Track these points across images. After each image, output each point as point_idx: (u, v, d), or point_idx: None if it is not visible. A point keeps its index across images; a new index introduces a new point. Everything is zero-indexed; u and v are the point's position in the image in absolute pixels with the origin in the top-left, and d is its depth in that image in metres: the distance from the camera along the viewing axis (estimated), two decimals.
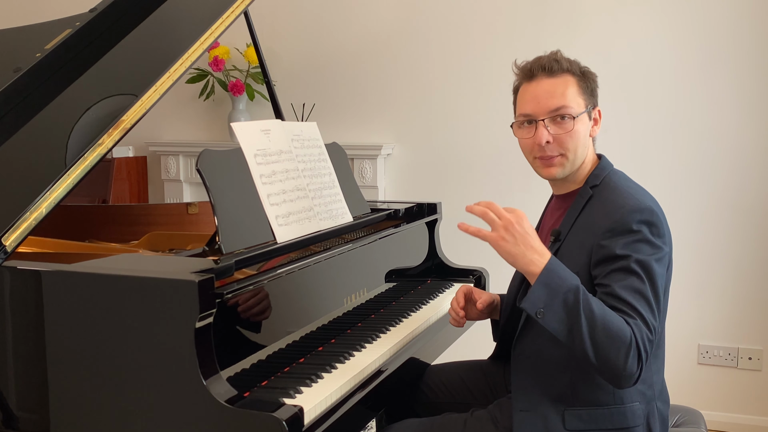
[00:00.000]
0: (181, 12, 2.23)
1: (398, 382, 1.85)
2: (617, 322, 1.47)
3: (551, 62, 1.67)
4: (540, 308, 1.48)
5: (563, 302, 1.47)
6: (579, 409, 1.60)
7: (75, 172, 1.67)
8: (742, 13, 3.12)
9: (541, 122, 1.66)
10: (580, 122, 1.66)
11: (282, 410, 1.36)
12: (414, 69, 3.64)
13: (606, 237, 1.55)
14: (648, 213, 1.56)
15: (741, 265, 3.21)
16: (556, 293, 1.48)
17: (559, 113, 1.65)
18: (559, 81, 1.66)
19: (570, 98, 1.65)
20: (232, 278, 1.58)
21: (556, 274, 1.50)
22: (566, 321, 1.47)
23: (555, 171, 1.68)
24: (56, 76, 1.94)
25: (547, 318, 1.48)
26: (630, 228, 1.54)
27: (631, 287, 1.51)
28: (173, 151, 3.99)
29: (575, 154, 1.67)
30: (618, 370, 1.47)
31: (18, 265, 1.53)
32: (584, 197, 1.67)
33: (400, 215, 2.42)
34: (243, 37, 3.31)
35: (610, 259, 1.54)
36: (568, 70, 1.67)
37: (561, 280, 1.49)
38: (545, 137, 1.65)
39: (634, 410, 1.59)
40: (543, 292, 1.49)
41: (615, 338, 1.45)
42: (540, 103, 1.66)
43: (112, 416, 1.44)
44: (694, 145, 3.22)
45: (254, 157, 1.82)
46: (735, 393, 3.25)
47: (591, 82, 1.70)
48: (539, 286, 1.49)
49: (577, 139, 1.66)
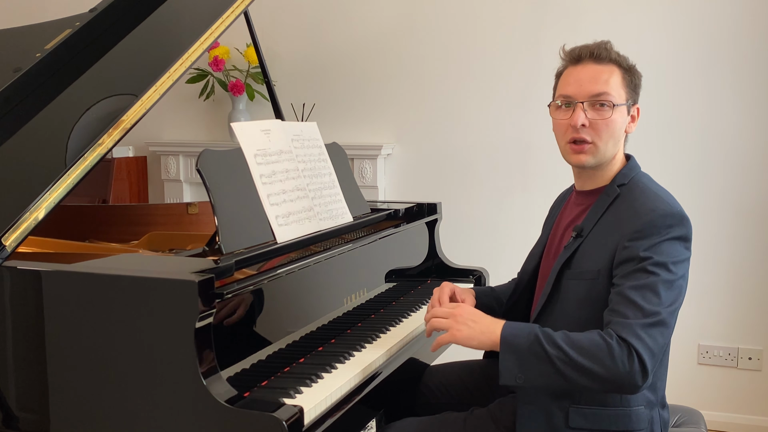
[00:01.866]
0: (181, 12, 2.23)
1: (398, 383, 1.85)
2: (588, 337, 1.49)
3: (600, 49, 1.67)
4: (517, 375, 1.52)
5: (531, 354, 1.51)
6: (584, 408, 1.60)
7: (75, 172, 1.67)
8: (742, 13, 3.12)
9: (579, 104, 1.64)
10: (618, 113, 1.65)
11: (282, 410, 1.36)
12: (414, 69, 3.64)
13: (633, 238, 1.55)
14: (678, 218, 1.56)
15: (741, 265, 3.21)
16: (521, 352, 1.52)
17: (600, 99, 1.64)
18: (605, 69, 1.66)
19: (613, 87, 1.64)
20: (232, 278, 1.58)
21: (514, 335, 1.54)
22: (544, 368, 1.50)
23: (584, 158, 1.66)
24: (56, 76, 1.94)
25: (529, 379, 1.52)
26: (659, 231, 1.54)
27: (643, 287, 1.50)
28: (173, 151, 3.99)
29: (606, 145, 1.65)
30: (616, 378, 1.47)
31: (18, 265, 1.53)
32: (611, 195, 1.66)
33: (400, 215, 2.42)
34: (243, 37, 3.31)
35: (631, 260, 1.54)
36: (614, 61, 1.67)
37: (520, 338, 1.53)
38: (581, 119, 1.64)
39: (638, 414, 1.59)
40: (511, 359, 1.53)
41: (591, 352, 1.47)
42: (582, 85, 1.65)
43: (112, 416, 1.44)
44: (695, 144, 3.22)
45: (254, 157, 1.82)
46: (735, 393, 3.25)
47: (636, 78, 1.69)
48: (504, 355, 1.53)
49: (613, 128, 1.64)
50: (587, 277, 1.60)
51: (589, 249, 1.63)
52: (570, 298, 1.62)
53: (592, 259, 1.61)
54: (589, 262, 1.60)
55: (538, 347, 1.50)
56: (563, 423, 1.60)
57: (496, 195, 3.53)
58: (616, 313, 1.50)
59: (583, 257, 1.62)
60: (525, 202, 3.46)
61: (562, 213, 1.83)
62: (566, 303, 1.63)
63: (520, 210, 3.48)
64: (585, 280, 1.61)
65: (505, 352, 1.53)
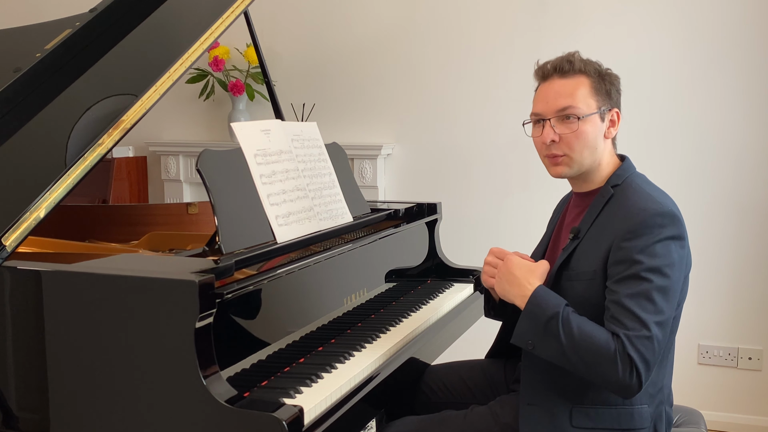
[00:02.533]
0: (181, 12, 2.23)
1: (398, 382, 1.85)
2: (600, 337, 1.51)
3: (563, 63, 1.68)
4: (528, 341, 1.57)
5: (546, 329, 1.54)
6: (587, 407, 1.60)
7: (75, 172, 1.67)
8: (743, 13, 3.12)
9: (547, 122, 1.67)
10: (587, 123, 1.65)
11: (282, 410, 1.36)
12: (414, 69, 3.64)
13: (626, 238, 1.55)
14: (669, 217, 1.56)
15: (741, 265, 3.21)
16: (538, 323, 1.56)
17: (565, 113, 1.65)
18: (571, 82, 1.67)
19: (579, 99, 1.66)
20: (232, 278, 1.58)
21: (538, 304, 1.57)
22: (554, 347, 1.54)
23: (561, 170, 1.69)
24: (56, 76, 1.94)
25: (538, 348, 1.57)
26: (650, 231, 1.54)
27: (638, 295, 1.51)
28: (173, 151, 3.99)
29: (581, 155, 1.66)
30: (613, 384, 1.51)
31: (18, 265, 1.53)
32: (605, 196, 1.67)
33: (400, 215, 2.42)
34: (243, 37, 3.31)
35: (626, 261, 1.55)
36: (581, 71, 1.67)
37: (542, 309, 1.56)
38: (550, 136, 1.66)
39: (641, 412, 1.60)
40: (527, 324, 1.58)
41: (597, 353, 1.50)
42: (548, 102, 1.68)
43: (112, 416, 1.44)
44: (695, 144, 3.22)
45: (254, 157, 1.82)
46: (735, 393, 3.25)
47: (607, 84, 1.69)
48: (523, 319, 1.58)
49: (584, 140, 1.65)
50: (584, 277, 1.62)
51: (585, 250, 1.64)
52: (569, 299, 1.62)
53: (588, 260, 1.62)
54: (586, 263, 1.61)
55: (555, 326, 1.54)
56: (567, 422, 1.61)
57: (496, 195, 3.53)
58: (617, 323, 1.52)
59: (580, 258, 1.63)
60: (525, 202, 3.46)
61: (564, 215, 1.85)
62: None
63: (520, 210, 3.48)
64: (582, 280, 1.62)
65: (525, 317, 1.58)
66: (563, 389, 1.62)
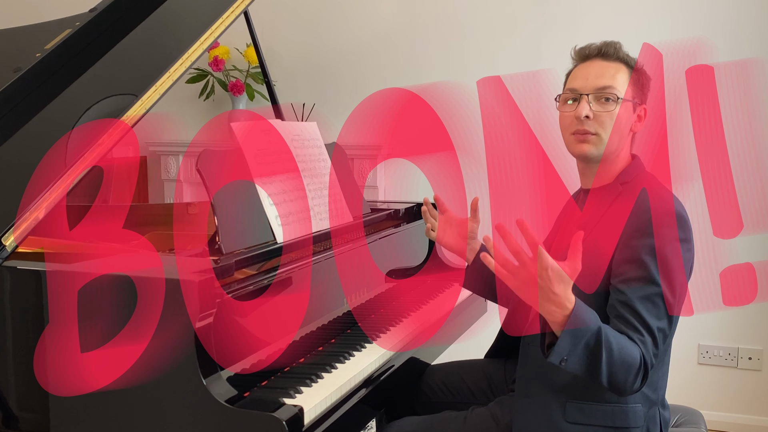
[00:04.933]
0: (181, 12, 2.23)
1: (398, 382, 1.85)
2: (631, 350, 1.49)
3: (608, 47, 1.69)
4: (564, 357, 1.47)
5: (585, 347, 1.46)
6: (581, 403, 1.60)
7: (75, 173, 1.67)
8: (742, 13, 3.12)
9: (585, 97, 1.65)
10: (623, 108, 1.65)
11: (282, 410, 1.36)
12: (414, 69, 3.63)
13: (634, 237, 1.55)
14: (677, 217, 1.56)
15: None
16: (578, 341, 1.46)
17: (605, 93, 1.65)
18: (612, 65, 1.67)
19: (618, 82, 1.66)
20: (232, 278, 1.58)
21: (581, 320, 1.45)
22: (587, 363, 1.47)
23: (586, 148, 1.66)
24: (56, 76, 1.94)
25: (570, 364, 1.47)
26: (659, 231, 1.54)
27: (646, 298, 1.51)
28: (173, 151, 3.99)
29: (609, 138, 1.65)
30: (625, 389, 1.51)
31: (18, 265, 1.53)
32: (614, 193, 1.67)
33: (400, 215, 2.42)
34: (243, 37, 3.30)
35: (633, 261, 1.54)
36: (622, 60, 1.68)
37: (584, 324, 1.46)
38: (585, 111, 1.64)
39: (635, 411, 1.60)
40: (568, 343, 1.46)
41: (628, 366, 1.48)
42: (588, 80, 1.67)
43: (111, 416, 1.44)
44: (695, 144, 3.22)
45: (254, 157, 1.82)
46: (735, 393, 3.25)
47: (643, 78, 1.70)
48: (565, 337, 1.45)
49: (617, 123, 1.65)
50: (588, 274, 1.61)
51: (591, 246, 1.63)
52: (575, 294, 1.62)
53: (595, 256, 1.61)
54: (592, 259, 1.60)
55: (596, 343, 1.45)
56: (561, 417, 1.61)
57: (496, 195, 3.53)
58: (633, 329, 1.51)
59: (586, 255, 1.62)
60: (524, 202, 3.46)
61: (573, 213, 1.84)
62: None
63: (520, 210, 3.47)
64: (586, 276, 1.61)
65: (567, 336, 1.45)
66: (558, 383, 1.62)
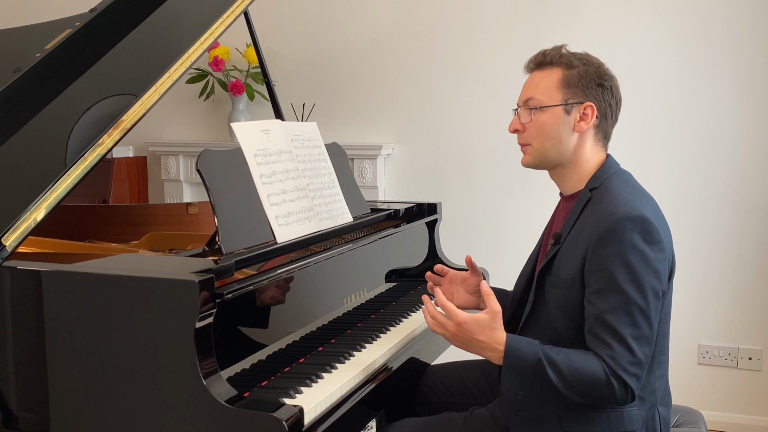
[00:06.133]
0: (181, 12, 2.23)
1: (398, 382, 1.85)
2: (586, 366, 1.52)
3: (538, 56, 1.72)
4: (518, 392, 1.56)
5: (534, 377, 1.54)
6: (577, 412, 1.60)
7: (75, 172, 1.67)
8: (742, 13, 3.12)
9: (515, 111, 1.73)
10: (546, 114, 1.66)
11: (282, 410, 1.36)
12: (414, 69, 3.64)
13: (599, 246, 1.54)
14: (639, 221, 1.53)
15: (741, 265, 3.21)
16: (525, 374, 1.54)
17: (528, 104, 1.69)
18: (542, 74, 1.70)
19: (542, 90, 1.67)
20: (232, 278, 1.58)
21: (517, 357, 1.55)
22: (545, 389, 1.54)
23: (524, 159, 1.73)
24: (56, 76, 1.94)
25: (528, 396, 1.57)
26: (621, 237, 1.52)
27: (617, 308, 1.51)
28: (173, 151, 3.99)
29: (543, 146, 1.68)
30: (610, 401, 1.55)
31: (18, 265, 1.53)
32: (583, 200, 1.65)
33: (400, 215, 2.42)
34: (243, 37, 3.31)
35: (600, 270, 1.53)
36: (554, 63, 1.69)
37: (523, 360, 1.54)
38: (513, 125, 1.72)
39: (631, 415, 1.60)
40: (513, 379, 1.55)
41: (591, 383, 1.51)
42: (521, 93, 1.73)
43: (112, 416, 1.44)
44: (694, 144, 3.22)
45: (254, 157, 1.82)
46: (735, 393, 3.25)
47: (583, 78, 1.66)
48: (507, 375, 1.56)
49: (543, 130, 1.66)
50: (563, 284, 1.61)
51: (564, 256, 1.63)
52: (551, 305, 1.63)
53: (567, 266, 1.61)
54: (565, 270, 1.61)
55: (541, 371, 1.53)
56: (558, 427, 1.61)
57: (496, 195, 3.53)
58: (602, 344, 1.52)
59: (560, 264, 1.63)
60: (525, 202, 3.46)
61: (552, 219, 1.84)
62: (549, 310, 1.64)
63: (520, 210, 3.48)
64: (562, 287, 1.61)
65: (508, 372, 1.55)
66: None
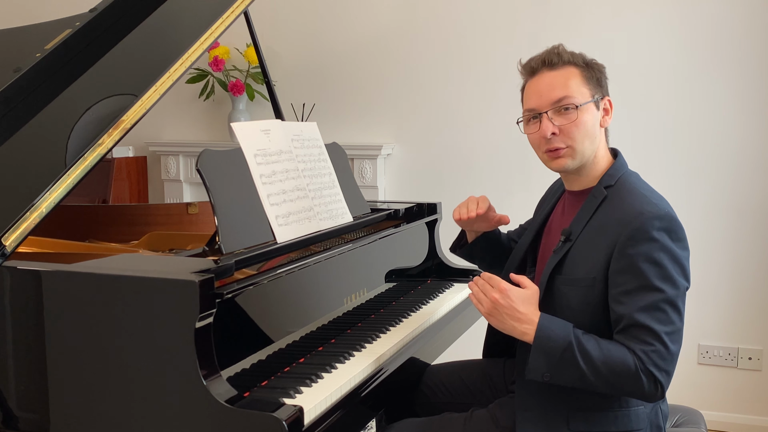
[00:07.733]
0: (181, 12, 2.23)
1: (398, 383, 1.85)
2: (618, 357, 1.50)
3: (551, 56, 1.67)
4: (545, 373, 1.54)
5: (562, 360, 1.52)
6: (584, 411, 1.60)
7: (75, 172, 1.67)
8: (742, 13, 3.12)
9: (545, 115, 1.64)
10: (584, 112, 1.63)
11: (282, 410, 1.36)
12: (414, 69, 3.64)
13: (628, 246, 1.53)
14: (668, 219, 1.54)
15: (741, 265, 3.21)
16: (553, 356, 1.53)
17: (563, 104, 1.63)
18: (561, 73, 1.65)
19: (573, 88, 1.64)
20: (232, 278, 1.58)
21: (548, 337, 1.53)
22: (573, 374, 1.52)
23: (564, 162, 1.65)
24: (56, 76, 1.94)
25: (555, 379, 1.55)
26: (651, 236, 1.52)
27: (650, 307, 1.50)
28: (173, 151, 3.99)
29: (583, 145, 1.64)
30: (639, 396, 1.53)
31: (18, 265, 1.53)
32: (598, 197, 1.64)
33: (400, 215, 2.42)
34: (243, 37, 3.31)
35: (632, 271, 1.53)
36: (569, 62, 1.66)
37: (554, 341, 1.53)
38: (549, 129, 1.63)
39: (638, 413, 1.60)
40: (541, 359, 1.53)
41: (621, 373, 1.50)
42: (542, 96, 1.65)
43: (112, 416, 1.44)
44: (694, 144, 3.22)
45: (254, 157, 1.82)
46: (735, 393, 3.25)
47: (596, 72, 1.67)
48: (536, 354, 1.54)
49: (584, 129, 1.63)
50: (582, 284, 1.59)
51: (580, 255, 1.61)
52: (565, 303, 1.61)
53: (586, 266, 1.59)
54: (583, 269, 1.59)
55: (571, 355, 1.51)
56: (564, 427, 1.60)
57: (497, 195, 3.51)
58: (633, 339, 1.51)
59: (575, 263, 1.61)
60: (525, 202, 3.45)
61: (554, 215, 1.83)
62: (563, 308, 1.62)
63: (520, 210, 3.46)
64: (580, 287, 1.60)
65: (537, 351, 1.54)
66: (559, 394, 1.61)
